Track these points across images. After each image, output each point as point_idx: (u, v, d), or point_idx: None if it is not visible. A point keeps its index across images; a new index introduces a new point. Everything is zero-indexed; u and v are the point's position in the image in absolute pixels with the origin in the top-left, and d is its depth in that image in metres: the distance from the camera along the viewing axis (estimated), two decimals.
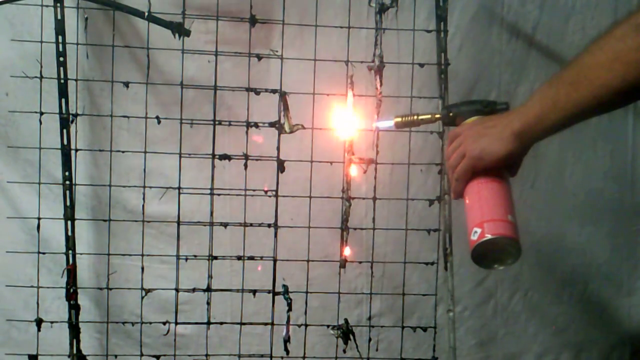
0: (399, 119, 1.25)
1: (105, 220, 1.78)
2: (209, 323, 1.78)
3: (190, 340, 1.97)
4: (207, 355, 1.80)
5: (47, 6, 1.68)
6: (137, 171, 1.79)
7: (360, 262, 1.82)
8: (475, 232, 0.98)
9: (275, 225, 1.75)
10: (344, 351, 1.83)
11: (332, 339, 1.84)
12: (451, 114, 1.16)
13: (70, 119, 1.72)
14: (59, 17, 1.68)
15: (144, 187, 1.75)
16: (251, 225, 1.75)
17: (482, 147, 1.03)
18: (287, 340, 1.80)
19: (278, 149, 1.74)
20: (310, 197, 1.75)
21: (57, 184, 1.77)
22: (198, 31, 1.77)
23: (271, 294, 1.77)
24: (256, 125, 1.73)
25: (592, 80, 0.89)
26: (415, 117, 1.23)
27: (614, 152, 2.19)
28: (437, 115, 1.19)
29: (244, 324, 1.79)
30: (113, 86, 1.73)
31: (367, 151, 1.78)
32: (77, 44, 1.71)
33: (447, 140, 1.11)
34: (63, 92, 1.71)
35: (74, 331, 1.78)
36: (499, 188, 1.04)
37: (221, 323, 1.82)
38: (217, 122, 1.72)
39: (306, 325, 1.78)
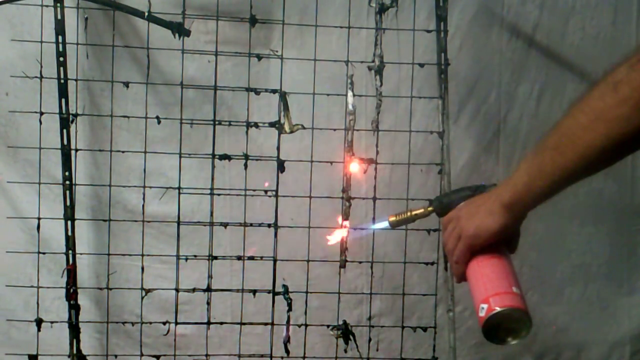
0: (394, 218, 1.26)
1: (105, 220, 1.78)
2: (209, 323, 1.78)
3: (190, 340, 1.96)
4: (207, 355, 1.80)
5: (47, 6, 1.67)
6: (137, 171, 1.79)
7: (360, 262, 1.82)
8: (482, 308, 0.99)
9: (275, 225, 1.75)
10: (345, 351, 1.83)
11: (332, 339, 1.84)
12: (443, 204, 1.17)
13: (70, 119, 1.72)
14: (59, 17, 1.68)
15: (144, 187, 1.75)
16: (251, 225, 1.75)
17: (476, 225, 1.03)
18: (287, 340, 1.80)
19: (278, 149, 1.74)
20: (310, 197, 1.75)
21: (57, 184, 1.77)
22: (198, 31, 1.77)
23: (271, 294, 1.77)
24: (256, 125, 1.73)
25: (576, 142, 0.89)
26: (409, 213, 1.24)
27: None
28: (430, 208, 1.20)
29: (244, 324, 1.79)
30: (113, 86, 1.73)
31: (367, 151, 1.78)
32: (77, 44, 1.71)
33: (442, 227, 1.11)
34: (63, 92, 1.71)
35: (74, 331, 1.78)
36: (499, 263, 1.04)
37: (221, 323, 1.82)
38: (217, 122, 1.72)
39: (306, 325, 1.78)
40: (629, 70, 0.82)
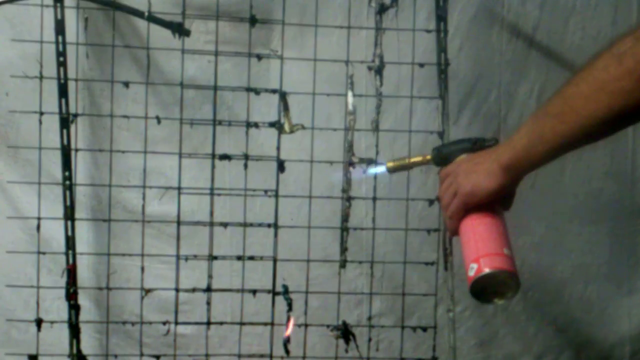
0: (392, 164, 1.27)
1: (105, 220, 1.78)
2: (209, 323, 1.78)
3: (190, 340, 1.96)
4: (207, 355, 1.80)
5: (47, 6, 1.67)
6: (137, 171, 1.79)
7: (360, 262, 1.82)
8: (472, 268, 1.01)
9: (275, 225, 1.75)
10: (346, 351, 1.83)
11: (332, 339, 1.84)
12: (442, 154, 1.18)
13: (70, 119, 1.72)
14: (59, 17, 1.68)
15: (144, 187, 1.75)
16: (251, 225, 1.75)
17: (473, 184, 1.04)
18: (287, 341, 1.80)
19: (278, 149, 1.74)
20: (310, 197, 1.75)
21: (57, 184, 1.77)
22: (198, 31, 1.77)
23: (271, 294, 1.77)
24: (256, 125, 1.73)
25: (578, 111, 0.89)
26: (407, 160, 1.26)
27: (614, 152, 2.19)
28: (428, 157, 1.22)
29: (244, 324, 1.79)
30: (113, 86, 1.73)
31: (367, 151, 1.78)
32: (77, 44, 1.71)
33: (439, 180, 1.12)
34: (63, 92, 1.71)
35: (74, 331, 1.78)
36: (493, 222, 1.06)
37: (221, 323, 1.82)
38: (217, 122, 1.72)
39: (306, 326, 1.78)
40: (635, 43, 0.82)
